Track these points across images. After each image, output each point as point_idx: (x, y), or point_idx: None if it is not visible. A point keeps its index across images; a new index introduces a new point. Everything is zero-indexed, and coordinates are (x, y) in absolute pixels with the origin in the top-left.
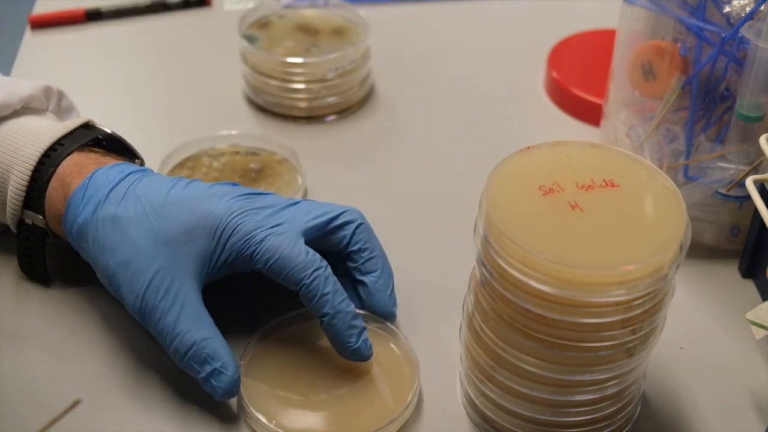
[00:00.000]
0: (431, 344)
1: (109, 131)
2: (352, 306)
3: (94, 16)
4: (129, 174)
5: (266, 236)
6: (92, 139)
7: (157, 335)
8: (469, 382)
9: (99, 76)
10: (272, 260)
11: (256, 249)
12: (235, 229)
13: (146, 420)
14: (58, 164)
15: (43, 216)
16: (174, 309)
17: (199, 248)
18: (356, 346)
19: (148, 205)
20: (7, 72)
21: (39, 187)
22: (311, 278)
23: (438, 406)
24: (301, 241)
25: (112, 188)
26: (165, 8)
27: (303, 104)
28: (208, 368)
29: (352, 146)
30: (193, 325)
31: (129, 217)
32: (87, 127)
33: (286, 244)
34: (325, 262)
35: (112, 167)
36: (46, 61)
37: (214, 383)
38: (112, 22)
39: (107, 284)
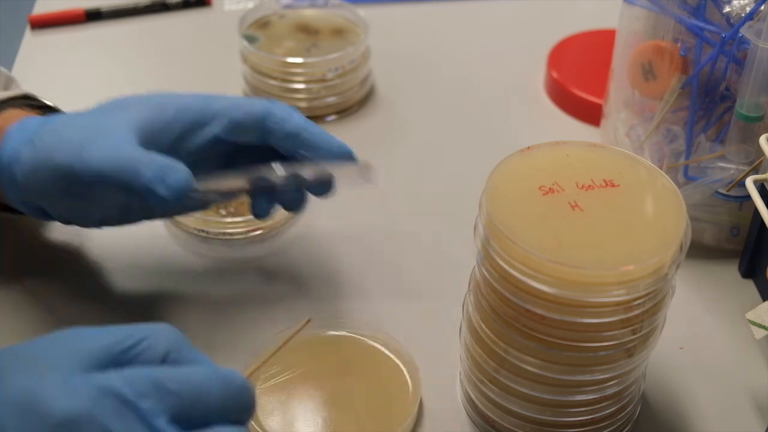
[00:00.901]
0: (431, 344)
1: (50, 104)
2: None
3: (94, 16)
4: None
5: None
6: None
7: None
8: (469, 382)
9: (99, 76)
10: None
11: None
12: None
13: None
14: None
15: None
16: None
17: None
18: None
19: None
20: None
21: None
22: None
23: (438, 406)
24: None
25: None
26: (165, 8)
27: (303, 104)
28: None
29: (352, 146)
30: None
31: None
32: (26, 98)
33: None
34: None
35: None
36: (46, 61)
37: (166, 180)
38: (112, 22)
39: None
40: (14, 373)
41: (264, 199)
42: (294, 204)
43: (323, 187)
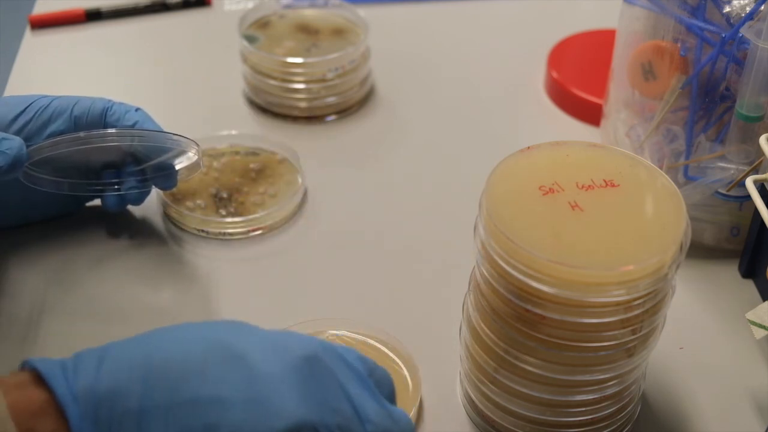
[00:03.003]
0: (431, 344)
1: None
2: None
3: (94, 16)
4: None
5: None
6: None
7: None
8: (469, 382)
9: (99, 76)
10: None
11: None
12: None
13: None
14: None
15: None
16: None
17: None
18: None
19: None
20: (7, 72)
21: None
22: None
23: (438, 406)
24: None
25: None
26: (165, 8)
27: (303, 104)
28: None
29: (352, 146)
30: None
31: None
32: None
33: None
34: None
35: None
36: (46, 61)
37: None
38: (112, 22)
39: None
40: (266, 331)
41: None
42: (137, 196)
43: (165, 177)
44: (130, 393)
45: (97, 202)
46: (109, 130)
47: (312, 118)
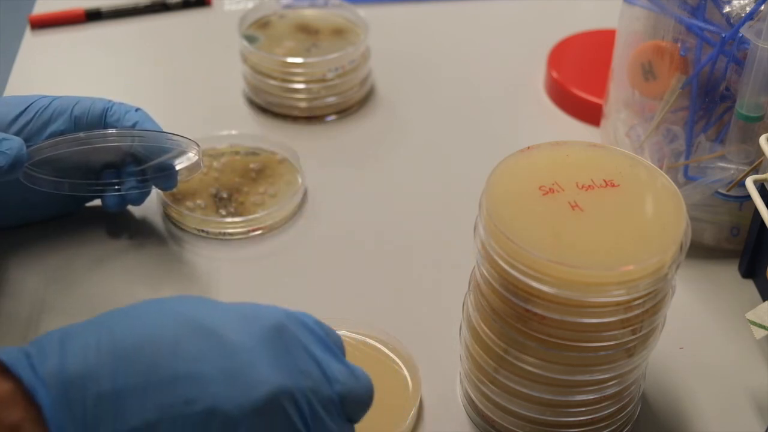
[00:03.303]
0: (431, 344)
1: None
2: None
3: (94, 16)
4: None
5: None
6: None
7: None
8: (469, 382)
9: (99, 76)
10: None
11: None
12: None
13: None
14: None
15: None
16: None
17: None
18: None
19: None
20: (7, 72)
21: None
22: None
23: (438, 406)
24: None
25: None
26: (165, 8)
27: (303, 104)
28: None
29: (352, 146)
30: None
31: None
32: None
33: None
34: None
35: None
36: (46, 61)
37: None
38: (112, 22)
39: None
40: (230, 304)
41: (112, 192)
42: (138, 196)
43: (165, 178)
44: (101, 374)
45: (97, 202)
46: (110, 131)
47: (312, 118)
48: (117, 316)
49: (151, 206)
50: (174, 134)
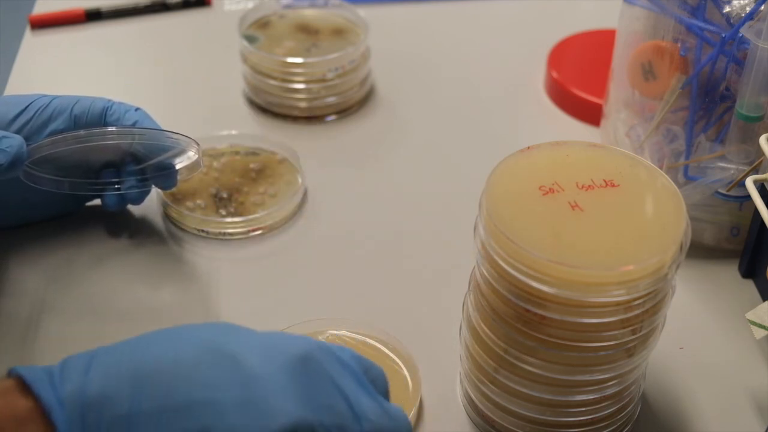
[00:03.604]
0: (431, 344)
1: None
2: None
3: (94, 16)
4: None
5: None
6: None
7: None
8: (469, 382)
9: (99, 76)
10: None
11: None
12: None
13: None
14: None
15: None
16: None
17: None
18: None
19: None
20: (7, 72)
21: None
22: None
23: (438, 406)
24: None
25: None
26: (165, 8)
27: (303, 104)
28: None
29: (352, 146)
30: None
31: None
32: None
33: None
34: None
35: None
36: (46, 61)
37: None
38: (112, 22)
39: None
40: (258, 332)
41: (111, 191)
42: (137, 195)
43: (165, 177)
44: (119, 397)
45: (96, 201)
46: (110, 128)
47: (312, 118)
48: (143, 339)
49: (151, 206)
50: (174, 132)
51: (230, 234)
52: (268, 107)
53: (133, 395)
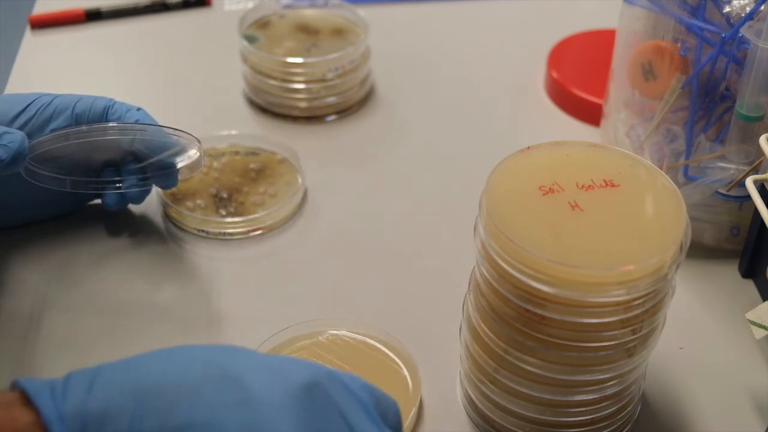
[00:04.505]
0: (431, 344)
1: None
2: None
3: (94, 16)
4: None
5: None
6: None
7: None
8: (469, 382)
9: (99, 76)
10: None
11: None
12: None
13: None
14: None
15: None
16: None
17: None
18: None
19: None
20: (7, 72)
21: None
22: None
23: (438, 406)
24: None
25: None
26: (165, 8)
27: (303, 104)
28: None
29: (352, 146)
30: None
31: None
32: None
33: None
34: None
35: None
36: (46, 61)
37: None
38: (112, 22)
39: None
40: (265, 355)
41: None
42: (138, 194)
43: (166, 176)
44: (120, 415)
45: (97, 201)
46: (111, 124)
47: (312, 118)
48: (148, 357)
49: (151, 206)
50: (176, 129)
51: (230, 234)
52: (268, 107)
53: (135, 413)
